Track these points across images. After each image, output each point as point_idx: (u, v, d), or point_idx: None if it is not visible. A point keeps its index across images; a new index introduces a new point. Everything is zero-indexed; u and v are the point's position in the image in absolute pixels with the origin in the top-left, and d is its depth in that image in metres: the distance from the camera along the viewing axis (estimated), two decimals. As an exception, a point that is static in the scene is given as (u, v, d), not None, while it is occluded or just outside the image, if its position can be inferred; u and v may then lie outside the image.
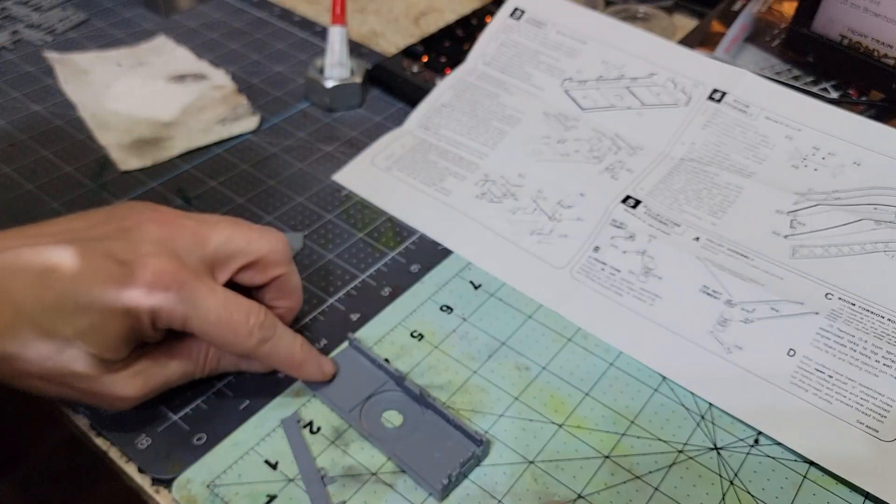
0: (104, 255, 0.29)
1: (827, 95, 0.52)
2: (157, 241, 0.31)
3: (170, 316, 0.30)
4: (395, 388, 0.36)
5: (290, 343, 0.34)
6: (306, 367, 0.35)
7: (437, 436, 0.34)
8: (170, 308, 0.30)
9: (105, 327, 0.29)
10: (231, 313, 0.31)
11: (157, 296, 0.29)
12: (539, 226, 0.45)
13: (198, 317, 0.30)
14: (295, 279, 0.36)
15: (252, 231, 0.34)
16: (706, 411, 0.37)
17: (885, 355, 0.37)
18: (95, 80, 0.56)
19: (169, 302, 0.30)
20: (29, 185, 0.47)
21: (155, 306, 0.29)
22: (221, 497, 0.32)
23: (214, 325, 0.31)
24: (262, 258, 0.34)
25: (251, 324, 0.32)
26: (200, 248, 0.32)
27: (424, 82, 0.55)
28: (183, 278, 0.30)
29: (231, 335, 0.31)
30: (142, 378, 0.32)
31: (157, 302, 0.29)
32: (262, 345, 0.32)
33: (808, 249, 0.41)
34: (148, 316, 0.30)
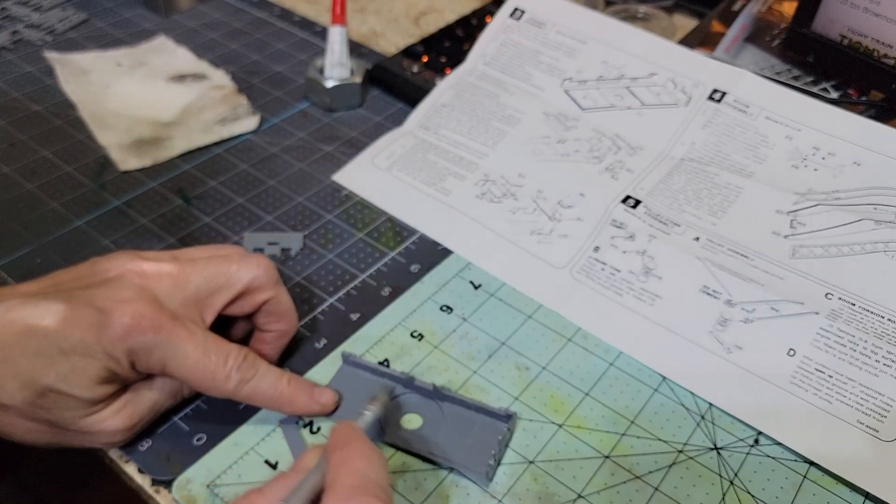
0: (85, 304, 0.30)
1: (827, 95, 0.52)
2: (137, 287, 0.31)
3: (147, 359, 0.31)
4: (404, 391, 0.36)
5: (275, 381, 0.34)
6: (297, 402, 0.34)
7: (463, 424, 0.34)
8: (146, 351, 0.31)
9: (85, 370, 0.30)
10: (209, 357, 0.32)
11: (134, 339, 0.30)
12: (539, 226, 0.45)
13: (175, 361, 0.31)
14: (284, 301, 0.36)
15: (231, 263, 0.34)
16: (706, 411, 0.37)
17: (885, 355, 0.37)
18: (95, 80, 0.56)
19: (145, 345, 0.30)
20: (29, 185, 0.47)
21: (131, 349, 0.30)
22: (221, 497, 0.32)
23: (192, 370, 0.31)
24: (246, 287, 0.34)
25: (229, 367, 0.32)
26: (181, 290, 0.33)
27: (424, 82, 0.55)
28: (160, 322, 0.31)
29: (209, 380, 0.32)
30: (127, 410, 0.32)
31: (133, 345, 0.30)
32: (242, 386, 0.32)
33: (808, 249, 0.41)
34: (125, 359, 0.30)
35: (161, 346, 0.31)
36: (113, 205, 0.46)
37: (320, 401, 0.35)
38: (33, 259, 0.42)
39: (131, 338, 0.30)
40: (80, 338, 0.30)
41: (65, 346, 0.29)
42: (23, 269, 0.42)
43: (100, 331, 0.30)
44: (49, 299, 0.30)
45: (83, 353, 0.30)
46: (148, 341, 0.30)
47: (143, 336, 0.30)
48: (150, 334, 0.30)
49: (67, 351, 0.30)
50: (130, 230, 0.45)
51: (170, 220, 0.45)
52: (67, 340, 0.29)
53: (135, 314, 0.30)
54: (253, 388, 0.33)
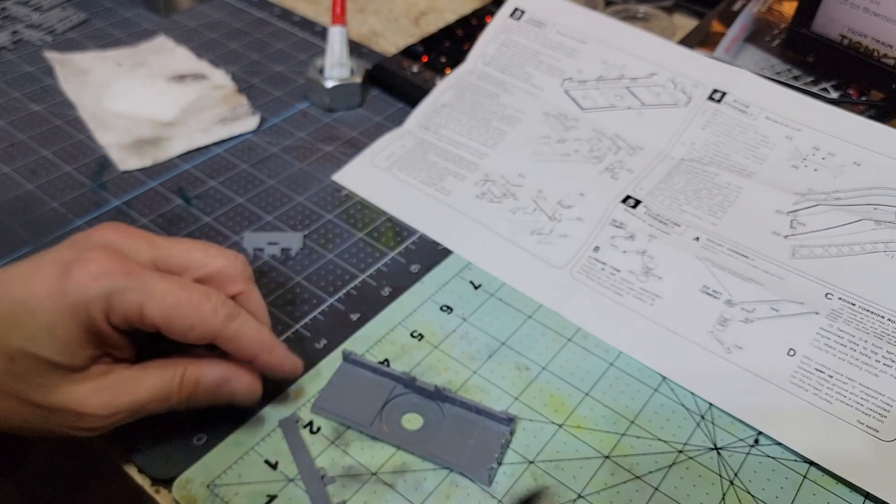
0: (52, 261, 0.29)
1: (827, 95, 0.52)
2: (105, 242, 0.30)
3: (122, 305, 0.29)
4: (405, 391, 0.36)
5: (258, 326, 0.32)
6: (277, 350, 0.33)
7: (465, 426, 0.34)
8: (119, 295, 0.29)
9: (56, 328, 0.28)
10: (189, 293, 0.30)
11: (103, 282, 0.28)
12: (539, 226, 0.45)
13: (153, 302, 0.29)
14: (256, 298, 0.34)
15: (210, 247, 0.33)
16: (706, 411, 0.37)
17: (885, 355, 0.37)
18: (95, 80, 0.56)
19: (117, 288, 0.29)
20: (29, 185, 0.47)
21: (102, 293, 0.28)
22: (221, 497, 0.32)
23: (174, 307, 0.30)
24: (217, 272, 0.33)
25: (213, 301, 0.30)
26: (153, 250, 0.32)
27: (424, 82, 0.55)
28: (130, 268, 0.29)
29: (195, 314, 0.30)
30: (108, 393, 0.30)
31: (103, 289, 0.28)
32: (229, 322, 0.31)
33: (808, 249, 0.41)
34: (99, 308, 0.29)
35: (134, 289, 0.29)
36: (113, 205, 0.46)
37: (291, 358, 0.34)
38: (33, 259, 0.42)
39: (99, 282, 0.28)
40: (47, 293, 0.28)
41: (32, 304, 0.28)
42: (23, 269, 0.42)
43: (64, 282, 0.28)
44: (17, 265, 0.29)
45: (51, 309, 0.28)
46: (118, 284, 0.29)
47: (111, 279, 0.29)
48: (120, 278, 0.29)
49: (35, 309, 0.28)
50: (130, 230, 0.45)
51: (170, 220, 0.45)
52: (35, 298, 0.28)
53: (100, 260, 0.29)
54: (239, 325, 0.31)
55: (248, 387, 0.33)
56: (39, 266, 0.29)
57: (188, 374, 0.32)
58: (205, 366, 0.32)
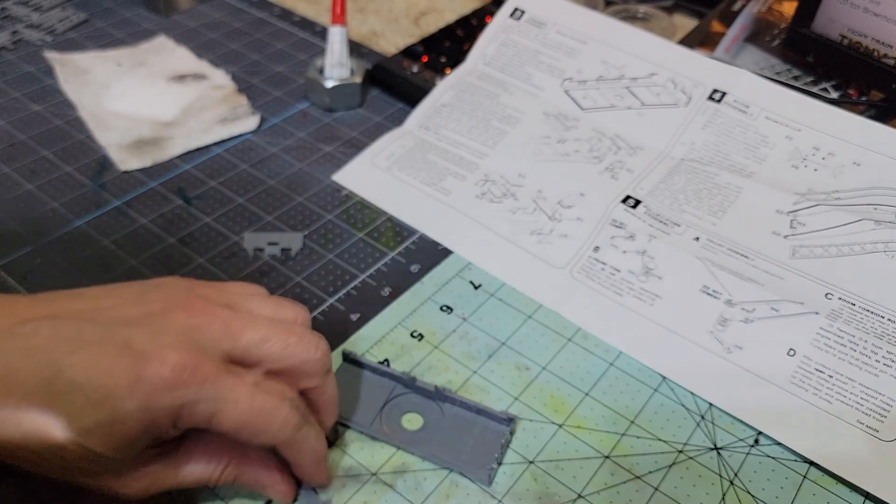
0: (122, 345, 0.26)
1: (827, 95, 0.52)
2: (181, 332, 0.28)
3: (192, 415, 0.27)
4: (404, 391, 0.36)
5: (318, 435, 0.31)
6: (323, 464, 0.32)
7: (464, 426, 0.34)
8: (190, 406, 0.27)
9: (115, 426, 0.26)
10: (263, 401, 0.28)
11: (176, 393, 0.26)
12: (539, 226, 0.45)
13: (225, 411, 0.27)
14: (330, 392, 0.32)
15: (291, 335, 0.30)
16: (706, 411, 0.37)
17: (885, 355, 0.37)
18: (95, 80, 0.56)
19: (190, 398, 0.27)
20: (29, 185, 0.47)
21: (174, 405, 0.27)
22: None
23: (246, 416, 0.28)
24: (295, 367, 0.30)
25: (286, 411, 0.29)
26: (230, 341, 0.29)
27: (424, 82, 0.55)
28: (205, 372, 0.27)
29: (265, 425, 0.28)
30: (150, 479, 0.29)
31: (176, 400, 0.26)
32: (296, 432, 0.29)
33: (808, 249, 0.41)
34: (167, 418, 0.27)
35: (208, 400, 0.27)
36: (113, 205, 0.46)
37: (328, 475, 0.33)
38: (33, 259, 0.42)
39: (173, 392, 0.26)
40: (112, 387, 0.26)
41: (94, 396, 0.26)
42: (23, 269, 0.42)
43: (135, 380, 0.26)
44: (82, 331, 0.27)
45: (115, 408, 0.26)
46: (192, 396, 0.27)
47: (185, 390, 0.26)
48: (194, 387, 0.27)
49: (97, 402, 0.26)
50: (130, 230, 0.45)
51: (170, 220, 0.45)
52: (97, 390, 0.26)
53: (175, 366, 0.26)
54: (304, 436, 0.30)
55: (283, 496, 0.32)
56: (104, 345, 0.26)
57: (229, 470, 0.31)
58: (247, 466, 0.31)
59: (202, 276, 0.42)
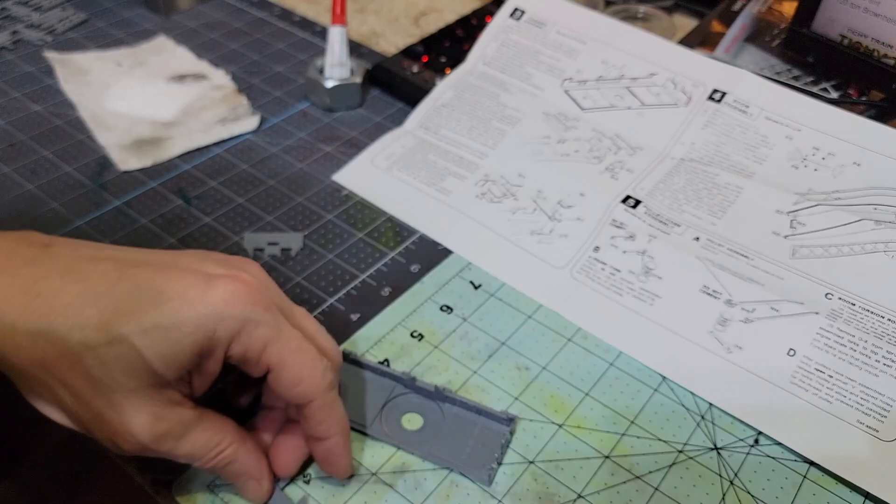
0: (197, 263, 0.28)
1: (827, 95, 0.52)
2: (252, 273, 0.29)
3: (251, 335, 0.27)
4: (404, 391, 0.36)
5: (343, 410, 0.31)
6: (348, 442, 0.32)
7: (464, 426, 0.35)
8: (254, 325, 0.27)
9: (174, 332, 0.26)
10: (310, 346, 0.29)
11: (246, 306, 0.27)
12: (539, 226, 0.45)
13: (279, 342, 0.28)
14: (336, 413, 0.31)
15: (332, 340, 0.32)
16: (706, 411, 0.37)
17: (885, 355, 0.37)
18: (95, 80, 0.56)
19: (255, 317, 0.27)
20: (29, 185, 0.47)
21: (240, 316, 0.27)
22: (221, 497, 0.32)
23: (295, 353, 0.28)
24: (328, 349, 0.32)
25: (324, 364, 0.29)
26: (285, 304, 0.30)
27: (424, 82, 0.55)
28: (269, 302, 0.28)
29: (309, 369, 0.29)
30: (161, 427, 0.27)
31: (243, 313, 0.27)
32: (330, 389, 0.30)
33: (808, 249, 0.41)
34: (229, 331, 0.27)
35: (269, 324, 0.27)
36: (113, 205, 0.46)
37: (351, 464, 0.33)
38: (33, 259, 0.42)
39: (243, 304, 0.27)
40: (181, 291, 0.26)
41: (160, 298, 0.26)
42: (23, 269, 0.42)
43: (208, 289, 0.26)
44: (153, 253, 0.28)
45: (180, 311, 0.26)
46: (257, 314, 0.27)
47: (253, 307, 0.27)
48: (262, 308, 0.27)
49: (162, 303, 0.26)
50: (130, 230, 0.45)
51: (170, 220, 0.45)
52: (165, 293, 0.26)
53: (249, 284, 0.27)
54: (335, 397, 0.30)
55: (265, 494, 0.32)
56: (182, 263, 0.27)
57: (227, 452, 0.30)
58: (244, 453, 0.31)
59: (202, 276, 0.42)
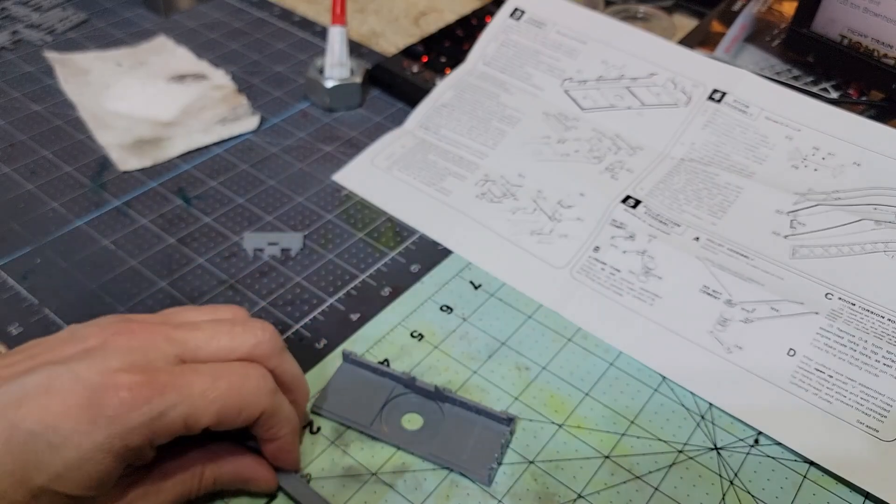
0: (70, 384, 0.26)
1: (827, 95, 0.52)
2: (125, 354, 0.27)
3: (166, 426, 0.27)
4: (404, 391, 0.36)
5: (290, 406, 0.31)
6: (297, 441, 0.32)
7: (464, 426, 0.34)
8: (161, 418, 0.26)
9: (87, 465, 0.25)
10: (228, 379, 0.28)
11: (141, 411, 0.26)
12: (539, 226, 0.45)
13: (197, 406, 0.27)
14: (291, 370, 0.32)
15: (235, 325, 0.30)
16: (706, 411, 0.37)
17: (885, 355, 0.37)
18: (95, 80, 0.56)
19: (157, 411, 0.26)
20: (29, 185, 0.47)
21: (143, 423, 0.26)
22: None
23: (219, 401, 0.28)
24: (248, 354, 0.30)
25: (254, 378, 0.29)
26: (178, 347, 0.29)
27: (424, 82, 0.55)
28: (163, 381, 0.27)
29: (240, 400, 0.28)
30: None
31: (143, 418, 0.26)
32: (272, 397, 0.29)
33: (808, 249, 0.41)
34: (141, 438, 0.26)
35: (175, 405, 0.27)
36: (113, 205, 0.46)
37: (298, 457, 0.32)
38: (33, 259, 0.42)
39: (137, 411, 0.26)
40: (72, 427, 0.25)
41: (56, 440, 0.25)
42: (23, 269, 0.42)
43: (94, 414, 0.25)
44: (28, 377, 0.26)
45: (80, 445, 0.25)
46: (157, 407, 0.26)
47: (149, 405, 0.26)
48: (157, 399, 0.26)
49: (60, 446, 0.25)
50: (130, 230, 0.45)
51: (170, 220, 0.45)
52: (57, 433, 0.25)
53: (132, 385, 0.26)
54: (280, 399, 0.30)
55: (264, 482, 0.32)
56: (54, 388, 0.26)
57: (206, 474, 0.30)
58: (222, 464, 0.31)
59: (202, 276, 0.42)
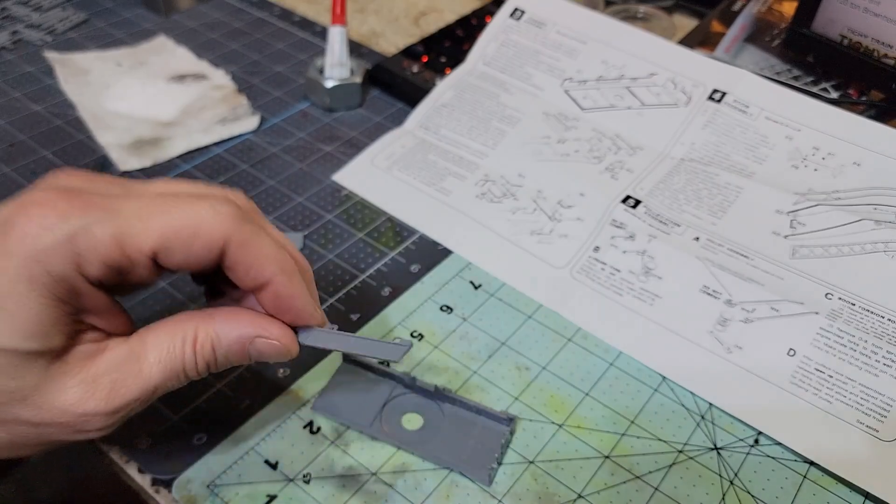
0: None
1: (827, 95, 0.52)
2: (52, 183, 0.24)
3: (93, 244, 0.22)
4: (404, 391, 0.36)
5: (275, 243, 0.25)
6: (298, 278, 0.25)
7: (464, 426, 0.35)
8: (85, 233, 0.22)
9: (10, 305, 0.21)
10: (177, 198, 0.23)
11: (58, 225, 0.22)
12: (539, 226, 0.45)
13: (131, 224, 0.22)
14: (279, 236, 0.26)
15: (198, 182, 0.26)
16: (706, 411, 0.37)
17: (885, 355, 0.37)
18: (95, 80, 0.56)
19: (78, 225, 0.22)
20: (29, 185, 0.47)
21: (60, 239, 0.22)
22: (221, 497, 0.32)
23: (160, 216, 0.22)
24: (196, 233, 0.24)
25: (210, 198, 0.23)
26: (123, 186, 0.24)
27: (424, 82, 0.55)
28: (88, 199, 0.22)
29: (193, 217, 0.23)
30: (107, 383, 0.23)
31: (61, 233, 0.22)
32: (239, 223, 0.23)
33: (808, 249, 0.41)
34: (63, 260, 0.22)
35: (102, 219, 0.22)
36: (113, 205, 0.46)
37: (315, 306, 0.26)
38: (33, 259, 0.42)
39: (53, 227, 0.22)
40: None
41: None
42: (23, 269, 0.42)
43: (5, 240, 0.22)
44: None
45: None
46: (79, 221, 0.22)
47: (67, 220, 0.22)
48: (78, 212, 0.22)
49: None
50: (130, 230, 0.45)
51: (170, 220, 0.45)
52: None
53: (47, 201, 0.22)
54: (254, 230, 0.24)
55: (280, 339, 0.26)
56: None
57: (201, 337, 0.25)
58: (220, 321, 0.25)
59: (202, 276, 0.42)
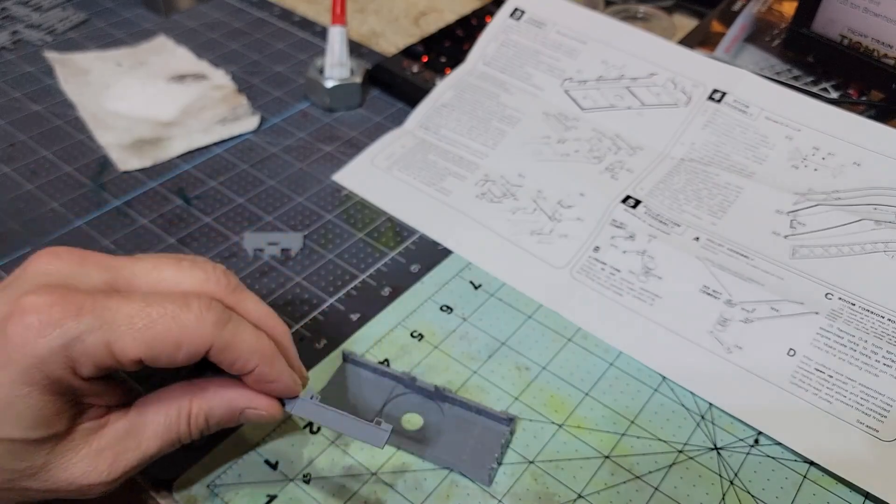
0: None
1: (827, 95, 0.52)
2: (42, 276, 0.24)
3: (86, 352, 0.23)
4: (404, 391, 0.36)
5: (256, 331, 0.27)
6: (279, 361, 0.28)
7: (465, 426, 0.35)
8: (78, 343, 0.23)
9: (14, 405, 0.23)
10: (162, 306, 0.24)
11: (51, 335, 0.23)
12: (539, 226, 0.45)
13: (121, 333, 0.24)
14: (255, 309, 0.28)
15: (182, 259, 0.27)
16: (706, 411, 0.37)
17: (885, 355, 0.37)
18: (95, 80, 0.56)
19: (70, 335, 0.23)
20: (29, 185, 0.47)
21: (54, 348, 0.23)
22: (222, 497, 0.32)
23: (148, 329, 0.24)
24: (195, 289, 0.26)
25: (195, 307, 0.25)
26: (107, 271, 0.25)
27: (424, 82, 0.55)
28: (78, 302, 0.23)
29: (177, 329, 0.24)
30: (109, 456, 0.25)
31: (54, 342, 0.23)
32: (221, 328, 0.25)
33: (808, 249, 0.41)
34: (59, 366, 0.23)
35: (93, 328, 0.23)
36: (113, 205, 0.46)
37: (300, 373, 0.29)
38: (33, 259, 0.42)
39: (46, 335, 0.23)
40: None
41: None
42: (23, 269, 0.42)
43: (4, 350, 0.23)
44: None
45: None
46: (71, 330, 0.23)
47: (60, 327, 0.23)
48: (70, 321, 0.23)
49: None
50: (130, 230, 0.45)
51: (170, 220, 0.45)
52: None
53: (39, 305, 0.23)
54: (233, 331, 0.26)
55: (267, 410, 0.29)
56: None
57: (195, 411, 0.27)
58: (211, 395, 0.28)
59: (202, 276, 0.42)
